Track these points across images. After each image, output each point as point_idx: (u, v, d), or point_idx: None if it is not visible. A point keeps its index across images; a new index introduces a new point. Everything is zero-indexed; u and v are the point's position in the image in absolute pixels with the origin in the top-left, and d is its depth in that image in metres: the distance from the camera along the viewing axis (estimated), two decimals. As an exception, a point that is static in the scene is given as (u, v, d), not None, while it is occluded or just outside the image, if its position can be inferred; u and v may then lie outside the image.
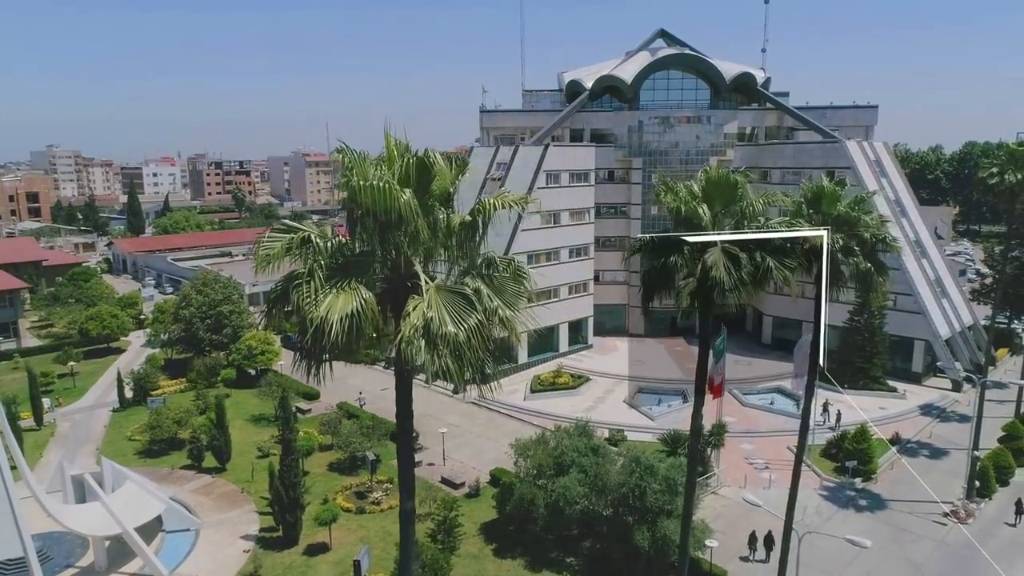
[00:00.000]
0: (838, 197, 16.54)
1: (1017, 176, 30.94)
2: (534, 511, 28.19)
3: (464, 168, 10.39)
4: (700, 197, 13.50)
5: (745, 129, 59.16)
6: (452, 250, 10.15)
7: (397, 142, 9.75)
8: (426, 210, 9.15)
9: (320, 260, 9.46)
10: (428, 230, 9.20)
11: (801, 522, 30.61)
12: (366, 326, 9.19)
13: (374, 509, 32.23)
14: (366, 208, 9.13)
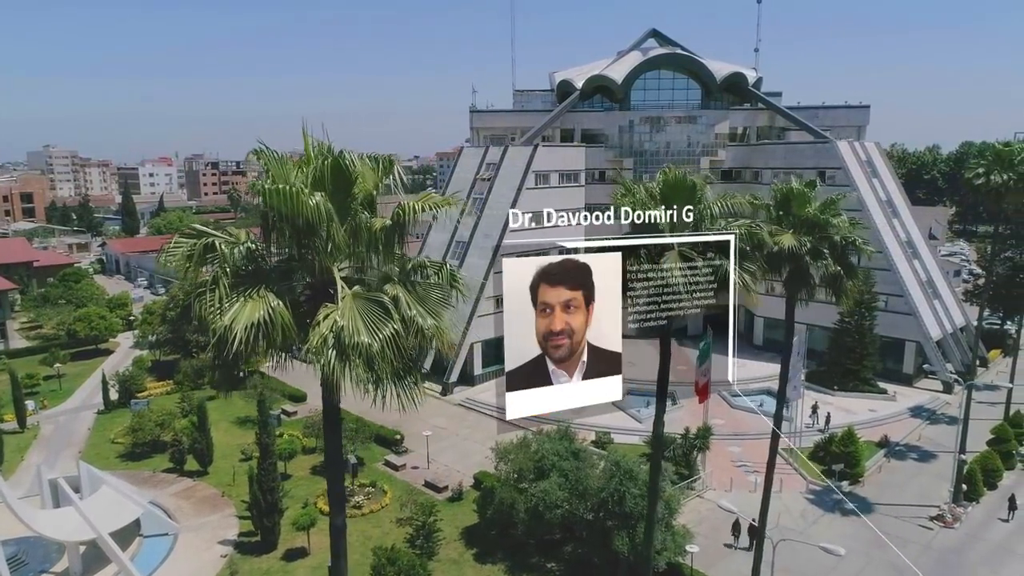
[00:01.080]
0: (808, 199, 16.25)
1: (1003, 176, 30.64)
2: (514, 516, 27.89)
3: (390, 169, 10.07)
4: (658, 199, 13.21)
5: (737, 129, 58.85)
6: (373, 255, 9.88)
7: (318, 143, 9.42)
8: (345, 214, 8.81)
9: (226, 267, 9.17)
10: (345, 235, 8.86)
11: (778, 527, 30.43)
12: (275, 335, 8.89)
13: (355, 513, 31.88)
14: (280, 212, 8.83)
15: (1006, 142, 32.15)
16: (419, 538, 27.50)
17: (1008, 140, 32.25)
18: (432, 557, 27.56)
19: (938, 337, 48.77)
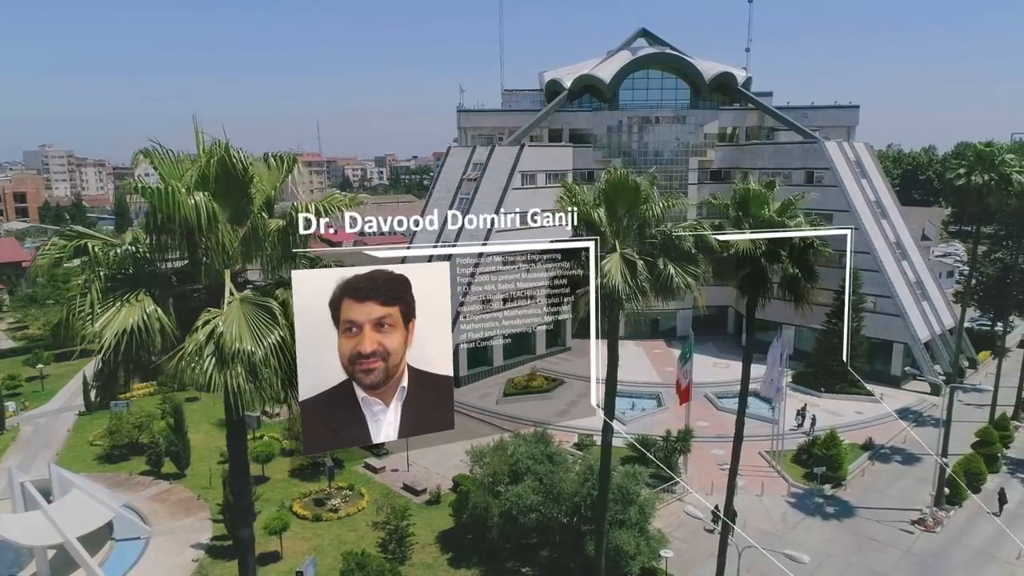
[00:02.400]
0: (766, 200, 15.95)
1: (984, 177, 30.31)
2: (489, 520, 27.56)
3: (291, 169, 9.72)
4: (601, 201, 12.89)
5: (726, 129, 58.56)
6: (266, 258, 9.47)
7: (216, 141, 9.06)
8: (240, 215, 8.49)
9: (99, 271, 8.83)
10: (234, 237, 8.52)
11: (753, 529, 30.08)
12: (153, 342, 8.56)
13: (331, 517, 31.61)
14: (165, 213, 8.48)
15: (987, 142, 31.83)
16: (391, 542, 27.16)
17: (990, 140, 31.94)
18: (404, 562, 27.23)
19: (926, 339, 48.48)
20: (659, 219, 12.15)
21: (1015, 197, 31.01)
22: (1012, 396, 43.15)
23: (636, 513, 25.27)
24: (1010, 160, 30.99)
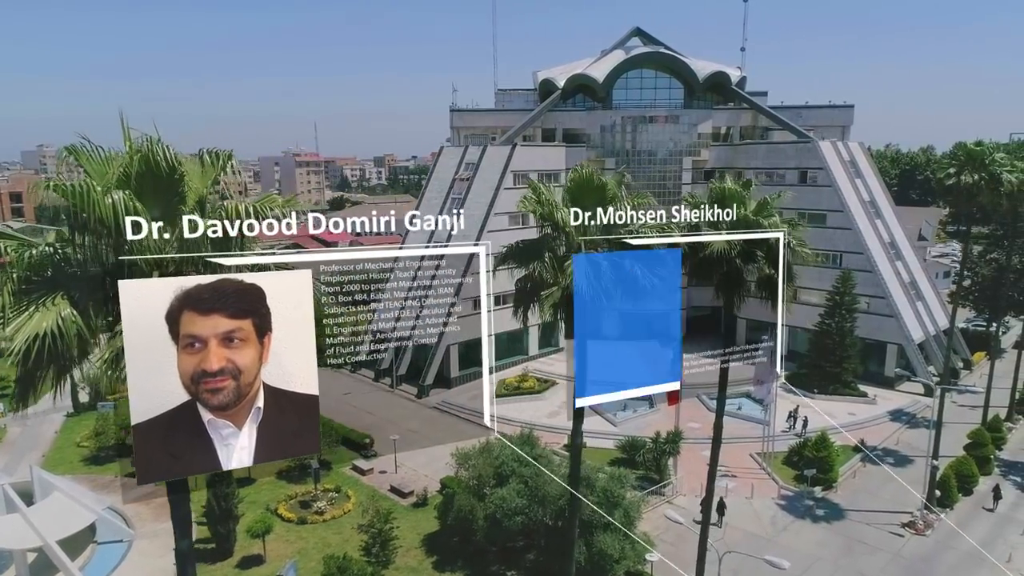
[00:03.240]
0: (743, 199, 15.66)
1: (974, 177, 30.00)
2: (474, 523, 27.30)
3: (223, 167, 9.42)
4: (567, 200, 12.60)
5: (720, 129, 58.27)
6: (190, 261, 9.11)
7: (147, 138, 8.75)
8: (168, 215, 8.21)
9: (12, 273, 8.55)
10: (160, 238, 8.22)
11: (720, 535, 29.84)
12: (69, 347, 8.26)
13: (316, 519, 31.34)
14: (84, 213, 8.20)
15: (977, 141, 31.54)
16: (375, 546, 26.89)
17: (979, 140, 31.62)
18: (388, 565, 26.98)
19: (920, 339, 48.22)
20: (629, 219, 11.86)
21: (1006, 197, 30.76)
22: (1006, 397, 42.87)
23: (621, 516, 24.98)
24: (1000, 159, 30.72)
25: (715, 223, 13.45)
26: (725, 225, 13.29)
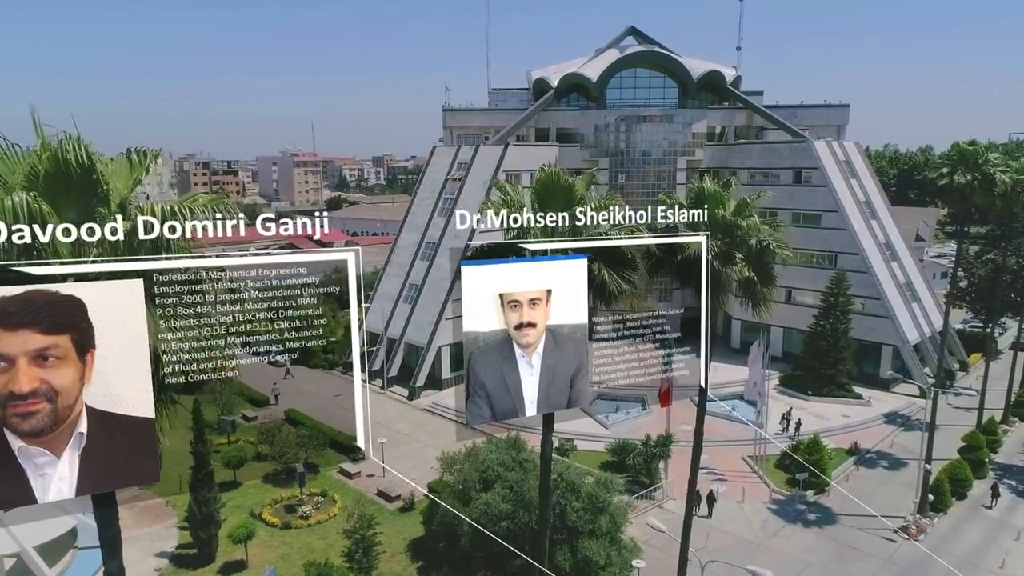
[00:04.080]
0: (722, 199, 15.25)
1: (967, 177, 29.58)
2: (459, 528, 26.88)
3: (148, 167, 8.98)
4: (533, 201, 12.18)
5: (715, 128, 57.87)
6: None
7: (64, 136, 8.28)
8: (86, 218, 7.75)
9: None
10: (71, 243, 7.75)
11: (704, 549, 29.44)
12: None
13: (301, 524, 30.93)
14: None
15: (971, 140, 31.14)
16: (358, 552, 26.47)
17: (973, 139, 31.23)
18: (371, 572, 26.55)
19: (916, 341, 47.81)
20: (594, 220, 11.44)
21: (999, 197, 30.35)
22: (1002, 399, 42.45)
23: (607, 522, 24.58)
24: (994, 159, 30.30)
25: (694, 224, 13.01)
26: (704, 226, 12.84)
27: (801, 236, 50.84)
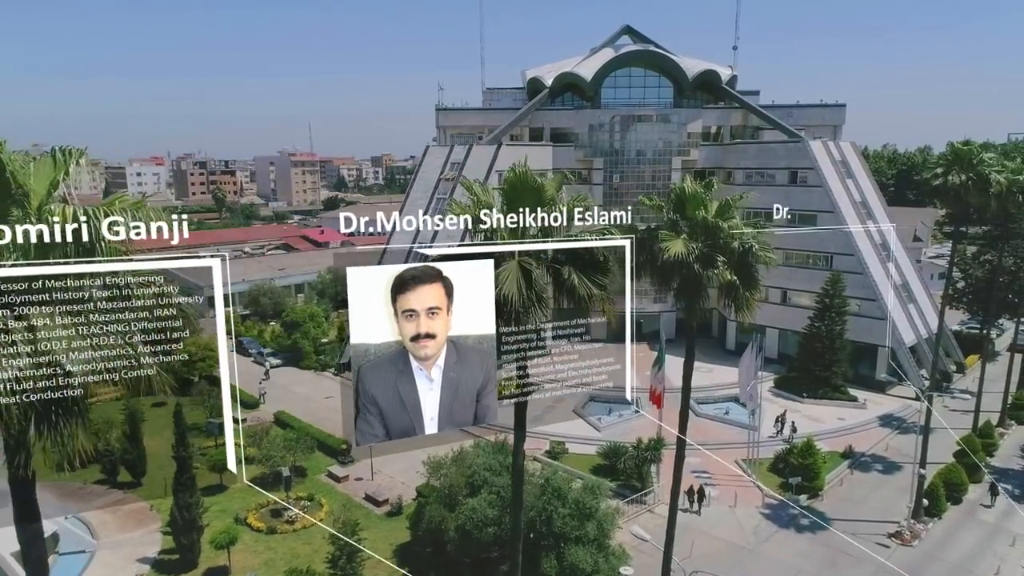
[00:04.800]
0: (703, 201, 14.78)
1: (961, 177, 29.15)
2: (445, 534, 26.44)
3: (69, 167, 8.50)
4: (502, 202, 11.70)
5: (710, 128, 57.45)
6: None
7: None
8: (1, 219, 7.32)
9: None
10: None
11: (687, 558, 29.00)
12: None
13: (287, 529, 30.50)
14: None
15: (965, 140, 30.69)
16: (341, 558, 26.02)
17: (968, 139, 30.80)
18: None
19: (912, 342, 47.40)
20: (565, 222, 10.96)
21: (994, 198, 29.91)
22: (999, 402, 42.02)
23: (594, 529, 24.14)
24: (988, 159, 29.86)
25: (674, 225, 12.57)
26: (685, 228, 12.40)
27: (796, 237, 50.48)
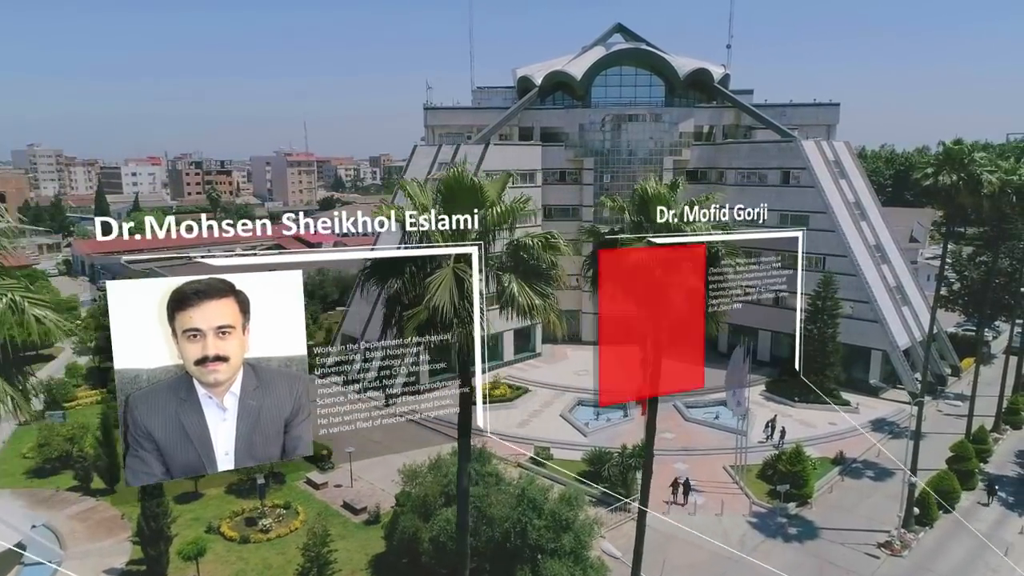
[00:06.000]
0: (667, 201, 14.02)
1: (952, 177, 28.36)
2: (419, 545, 25.64)
3: None
4: (435, 204, 10.94)
5: (702, 128, 56.61)
6: None
7: None
8: None
9: None
10: None
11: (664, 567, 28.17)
12: None
13: (260, 538, 29.67)
14: None
15: (956, 139, 29.92)
16: (312, 570, 25.25)
17: (959, 138, 29.98)
18: (326, 591, 25.32)
19: (906, 345, 46.58)
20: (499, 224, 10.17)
21: (987, 198, 29.12)
22: (993, 406, 41.19)
23: (571, 541, 23.33)
24: (980, 159, 29.07)
25: (637, 226, 11.79)
26: (648, 229, 11.62)
27: (788, 238, 49.62)
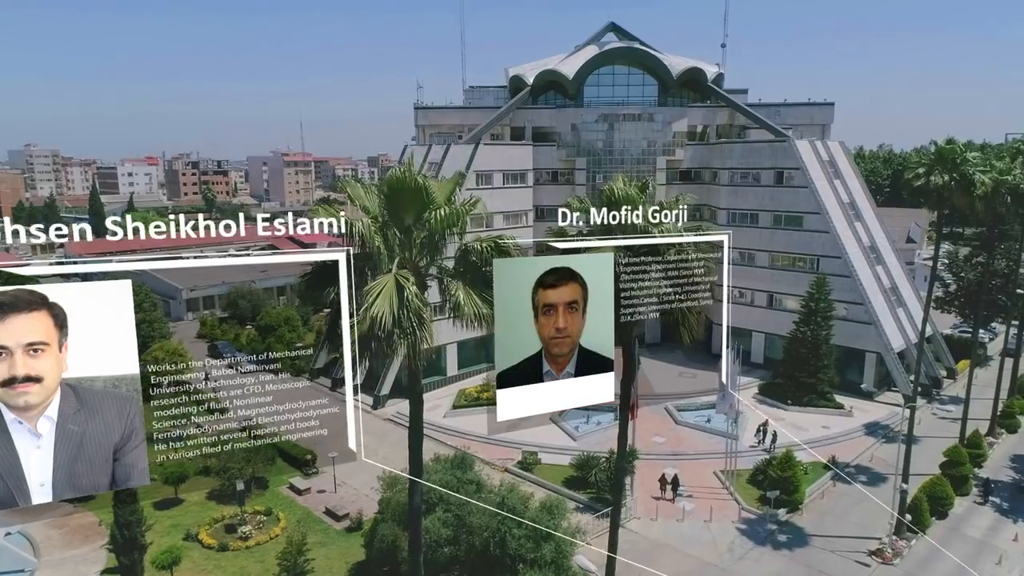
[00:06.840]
0: (636, 202, 13.43)
1: (944, 177, 27.77)
2: (398, 554, 25.08)
3: None
4: (380, 208, 10.30)
5: (696, 127, 56.01)
6: None
7: None
8: None
9: None
10: None
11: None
12: None
13: (239, 546, 29.09)
14: None
15: (949, 139, 29.32)
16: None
17: (951, 138, 29.40)
18: (301, 601, 24.75)
19: (901, 348, 45.96)
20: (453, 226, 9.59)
21: (979, 199, 28.54)
22: (988, 409, 40.57)
23: (552, 551, 22.77)
24: (973, 159, 28.48)
25: (607, 229, 11.22)
26: (617, 231, 11.05)
27: (783, 238, 49.10)
